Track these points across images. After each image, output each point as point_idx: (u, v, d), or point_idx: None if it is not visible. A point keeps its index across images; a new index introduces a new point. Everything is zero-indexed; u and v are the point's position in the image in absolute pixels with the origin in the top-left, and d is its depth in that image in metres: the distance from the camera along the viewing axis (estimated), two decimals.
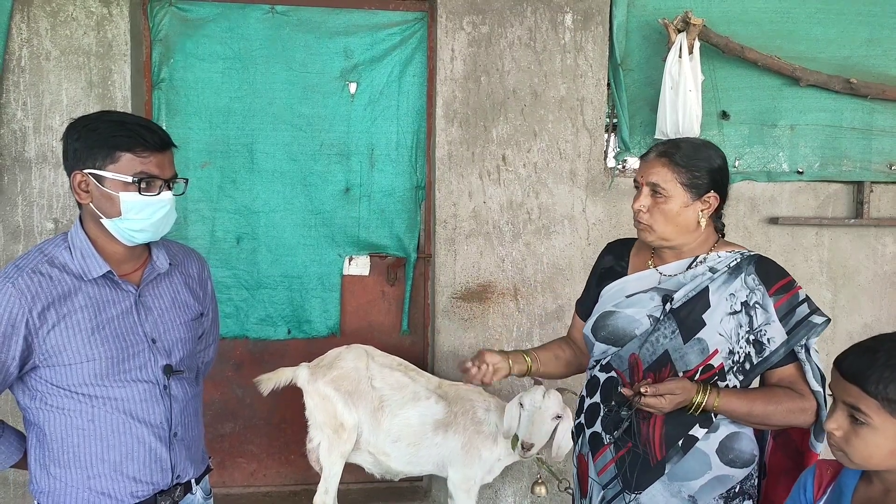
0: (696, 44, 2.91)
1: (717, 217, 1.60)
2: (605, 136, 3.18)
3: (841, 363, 1.12)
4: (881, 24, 3.23)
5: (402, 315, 3.23)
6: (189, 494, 1.56)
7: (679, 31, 2.92)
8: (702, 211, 1.54)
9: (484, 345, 3.10)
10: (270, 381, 2.70)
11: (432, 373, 3.17)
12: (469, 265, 3.07)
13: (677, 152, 1.53)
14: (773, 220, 3.23)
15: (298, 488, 3.25)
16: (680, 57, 2.89)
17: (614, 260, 1.71)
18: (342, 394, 2.61)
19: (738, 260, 1.55)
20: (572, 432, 1.77)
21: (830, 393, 1.17)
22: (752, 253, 1.58)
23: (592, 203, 3.12)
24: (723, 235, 1.64)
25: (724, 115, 3.18)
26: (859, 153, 3.27)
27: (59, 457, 1.42)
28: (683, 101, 2.88)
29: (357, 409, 2.62)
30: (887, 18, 3.23)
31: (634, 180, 1.61)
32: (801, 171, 3.26)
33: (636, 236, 1.66)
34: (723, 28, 3.07)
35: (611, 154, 3.25)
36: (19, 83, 2.80)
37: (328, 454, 2.64)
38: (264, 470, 3.26)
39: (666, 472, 1.53)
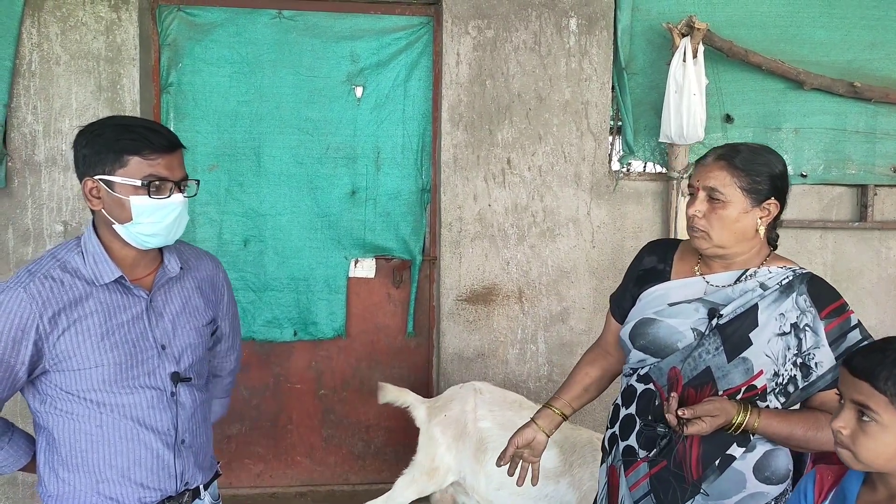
0: (701, 48, 2.93)
1: (772, 227, 1.53)
2: (610, 139, 3.20)
3: (851, 361, 1.12)
4: (885, 28, 3.24)
5: (407, 317, 3.25)
6: (197, 500, 1.56)
7: (683, 36, 2.93)
8: (760, 219, 1.47)
9: (489, 347, 3.12)
10: (391, 395, 2.63)
11: (437, 376, 3.19)
12: (474, 268, 3.08)
13: (737, 156, 1.47)
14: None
15: (305, 489, 3.27)
16: (684, 61, 2.91)
17: (657, 261, 1.61)
18: (448, 437, 2.49)
19: (791, 278, 1.48)
20: (603, 444, 1.71)
21: (838, 393, 1.17)
22: (804, 271, 1.50)
23: (597, 206, 3.13)
24: (775, 248, 1.57)
25: (728, 118, 3.19)
26: (863, 156, 3.28)
27: (68, 461, 1.42)
28: (688, 105, 2.89)
29: (460, 453, 2.47)
30: (891, 22, 3.24)
31: (689, 185, 1.53)
32: (804, 174, 3.27)
33: (677, 238, 1.60)
34: (727, 32, 3.09)
35: (615, 157, 3.27)
36: (30, 87, 2.83)
37: (406, 485, 2.54)
38: (271, 471, 3.28)
39: (701, 491, 1.48)
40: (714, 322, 1.47)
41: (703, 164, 1.51)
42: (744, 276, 1.50)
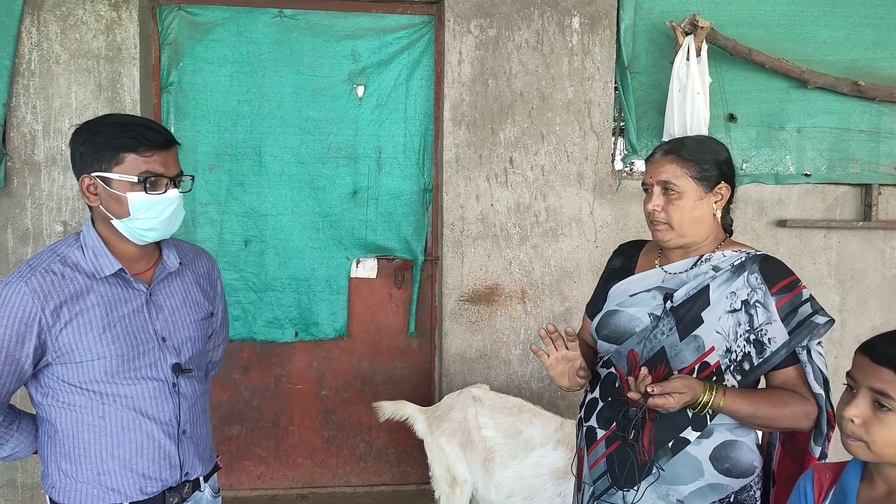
0: (704, 46, 2.91)
1: (726, 212, 1.61)
2: (613, 138, 3.18)
3: (872, 348, 1.10)
4: (889, 27, 3.23)
5: (409, 317, 3.23)
6: (197, 492, 1.57)
7: (686, 34, 2.92)
8: (715, 203, 1.55)
9: (491, 347, 3.10)
10: (388, 410, 2.63)
11: (439, 376, 3.17)
12: (476, 268, 3.07)
13: (682, 148, 1.54)
14: (781, 223, 3.22)
15: (305, 491, 3.25)
16: (688, 59, 2.89)
17: (624, 261, 1.71)
18: (455, 447, 2.48)
19: (743, 259, 1.55)
20: (578, 426, 1.75)
21: (848, 382, 1.15)
22: (758, 252, 1.57)
23: (600, 206, 3.11)
24: (730, 234, 1.64)
25: (732, 117, 3.18)
26: (867, 156, 3.26)
27: (70, 452, 1.44)
28: (691, 104, 2.87)
29: (469, 462, 2.46)
30: (895, 21, 3.23)
31: (643, 183, 1.60)
32: (808, 173, 3.25)
33: (648, 238, 1.65)
34: (730, 31, 3.07)
35: (618, 157, 3.25)
36: (29, 87, 2.81)
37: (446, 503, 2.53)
38: (271, 473, 3.26)
39: (653, 472, 1.51)
40: (668, 305, 1.54)
41: (652, 161, 1.58)
42: (699, 262, 1.57)
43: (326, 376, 3.24)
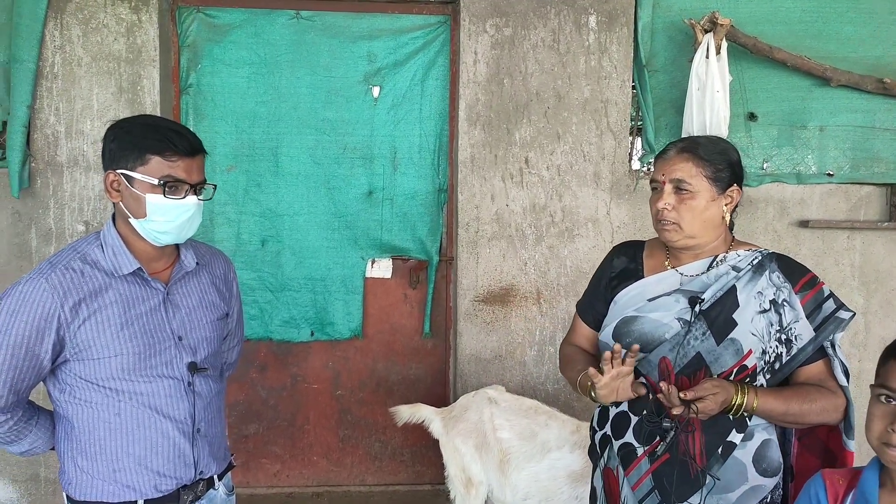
0: (724, 44, 2.87)
1: (731, 215, 1.58)
2: (630, 138, 3.15)
3: None
4: None
5: (424, 318, 3.23)
6: (211, 490, 1.59)
7: (706, 32, 2.87)
8: (725, 206, 1.52)
9: (506, 348, 3.09)
10: (405, 414, 2.63)
11: (454, 377, 3.17)
12: (491, 268, 3.06)
13: (698, 147, 1.51)
14: (804, 224, 3.16)
15: (321, 490, 3.27)
16: (707, 57, 2.85)
17: (627, 262, 1.65)
18: (470, 447, 2.47)
19: (760, 258, 1.53)
20: (593, 449, 1.70)
21: (883, 393, 1.11)
22: (770, 251, 1.56)
23: (617, 206, 3.08)
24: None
25: (752, 116, 3.13)
26: (893, 154, 3.18)
27: (87, 449, 1.45)
28: (711, 103, 2.83)
29: (485, 464, 2.45)
30: None
31: (652, 180, 1.56)
32: (831, 173, 3.19)
33: (642, 239, 1.63)
34: (750, 28, 3.02)
35: (635, 156, 3.22)
36: (52, 89, 2.87)
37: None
38: (287, 471, 3.28)
39: (706, 482, 1.48)
40: (697, 308, 1.50)
41: (665, 159, 1.54)
42: (715, 263, 1.54)
43: (342, 376, 3.25)
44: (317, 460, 3.28)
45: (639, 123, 3.16)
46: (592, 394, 1.49)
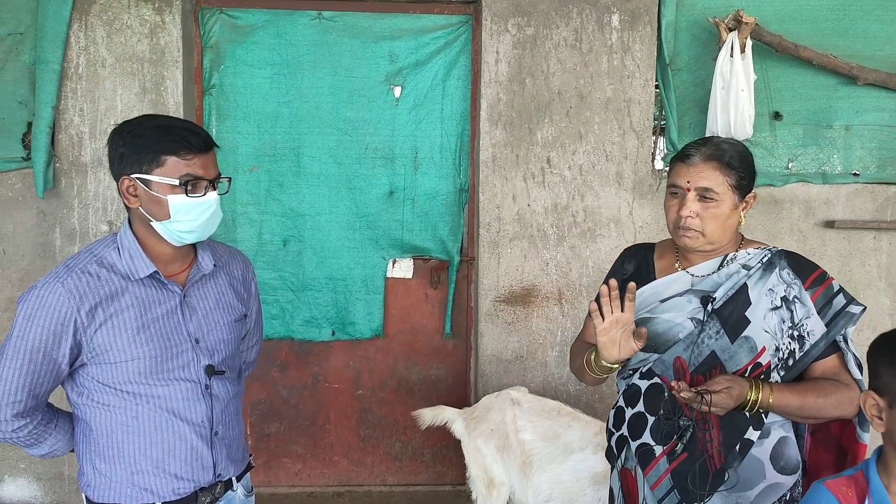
0: (748, 42, 2.84)
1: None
2: (653, 137, 3.13)
3: None
4: None
5: (444, 318, 3.22)
6: (230, 491, 1.58)
7: (730, 30, 2.85)
8: (743, 211, 1.52)
9: (527, 349, 3.07)
10: (428, 417, 2.64)
11: (475, 377, 3.16)
12: (513, 268, 3.05)
13: (724, 154, 1.48)
14: (829, 224, 3.13)
15: (342, 489, 3.27)
16: (731, 56, 2.82)
17: (638, 265, 1.66)
18: (492, 448, 2.46)
19: (770, 255, 1.54)
20: (609, 451, 1.69)
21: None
22: (778, 248, 1.57)
23: (639, 206, 3.06)
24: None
25: (777, 115, 3.09)
26: None
27: (105, 452, 1.45)
28: (735, 102, 2.81)
29: (507, 465, 2.44)
30: None
31: (671, 185, 1.53)
32: (857, 173, 3.15)
33: (654, 242, 1.63)
34: (775, 26, 2.99)
35: (658, 156, 3.19)
36: (77, 90, 2.89)
37: None
38: (308, 470, 3.29)
39: (727, 479, 1.49)
40: (709, 307, 1.51)
41: (690, 164, 1.50)
42: (725, 262, 1.54)
43: (363, 375, 3.26)
44: (338, 460, 3.29)
45: (662, 123, 3.14)
46: (596, 368, 1.52)
